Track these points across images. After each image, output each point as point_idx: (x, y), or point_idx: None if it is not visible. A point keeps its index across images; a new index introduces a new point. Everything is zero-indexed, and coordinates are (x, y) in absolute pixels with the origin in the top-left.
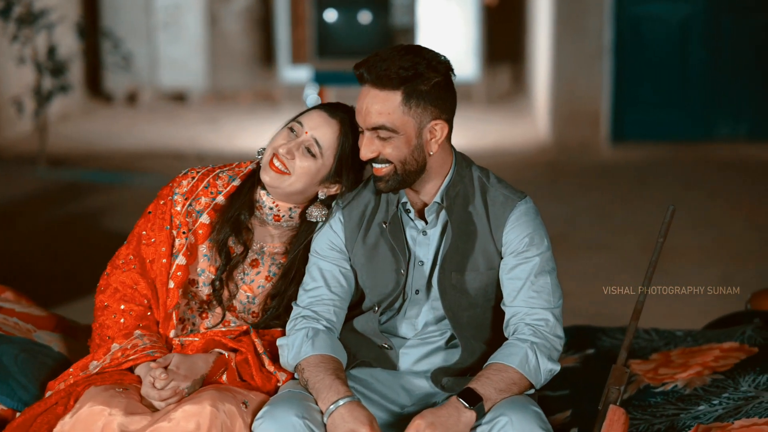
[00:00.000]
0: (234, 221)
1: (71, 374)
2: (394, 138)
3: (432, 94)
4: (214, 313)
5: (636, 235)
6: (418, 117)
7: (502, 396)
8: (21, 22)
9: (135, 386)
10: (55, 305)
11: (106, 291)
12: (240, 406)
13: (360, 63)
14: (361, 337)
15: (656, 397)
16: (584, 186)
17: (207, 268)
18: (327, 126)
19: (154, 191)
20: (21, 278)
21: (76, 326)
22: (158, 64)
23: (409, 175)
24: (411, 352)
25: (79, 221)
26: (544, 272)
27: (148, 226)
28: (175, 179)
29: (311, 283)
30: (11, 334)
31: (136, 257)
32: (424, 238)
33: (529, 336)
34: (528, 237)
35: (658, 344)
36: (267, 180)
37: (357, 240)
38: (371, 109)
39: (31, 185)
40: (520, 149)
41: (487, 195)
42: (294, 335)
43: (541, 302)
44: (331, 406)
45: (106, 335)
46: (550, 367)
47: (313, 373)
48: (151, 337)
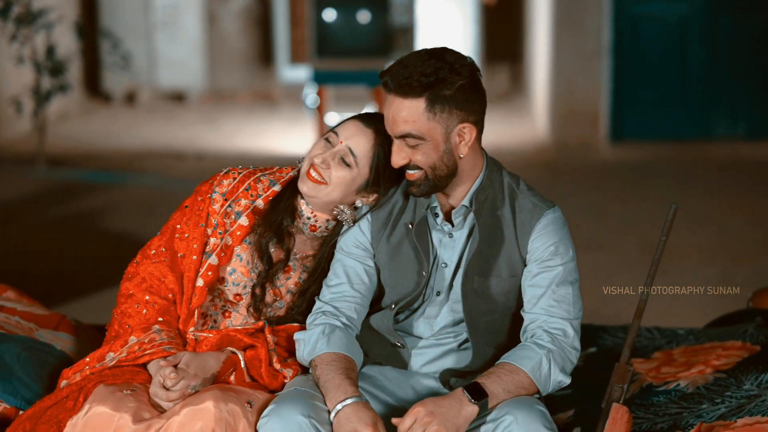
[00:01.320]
0: (277, 227)
1: (87, 364)
2: (422, 145)
3: (457, 97)
4: (237, 312)
5: (635, 235)
6: (444, 122)
7: (507, 396)
8: (20, 22)
9: (144, 386)
10: (55, 305)
11: (133, 279)
12: (244, 406)
13: (384, 71)
14: (375, 334)
15: (659, 396)
16: (583, 185)
17: (238, 268)
18: (362, 135)
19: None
20: (20, 278)
21: (78, 325)
22: (157, 63)
23: (440, 179)
24: (424, 353)
25: (78, 221)
26: (567, 282)
27: (183, 220)
28: (216, 177)
29: (334, 280)
30: (13, 332)
31: (168, 250)
32: (449, 241)
33: (547, 343)
34: (554, 246)
35: (660, 343)
36: (305, 190)
37: (382, 238)
38: (397, 117)
39: (30, 185)
40: (518, 149)
41: (515, 201)
42: (311, 330)
43: (561, 312)
44: (337, 405)
45: (126, 323)
46: (560, 379)
47: (325, 371)
48: (170, 332)
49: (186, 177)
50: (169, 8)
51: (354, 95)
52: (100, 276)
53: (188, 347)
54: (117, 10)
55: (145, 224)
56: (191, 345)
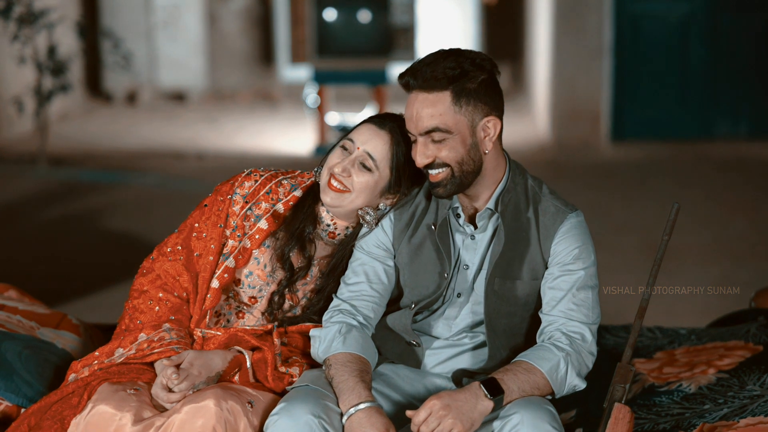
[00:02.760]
0: (299, 235)
1: (96, 358)
2: (449, 139)
3: (480, 91)
4: (251, 314)
5: (636, 234)
6: (470, 115)
7: (522, 395)
8: (21, 22)
9: (149, 385)
10: (55, 304)
11: (148, 275)
12: (245, 406)
13: (404, 72)
14: (389, 333)
15: (661, 396)
16: (584, 185)
17: (255, 271)
18: (378, 138)
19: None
20: (21, 278)
21: (79, 323)
22: (158, 63)
23: (466, 176)
24: (438, 353)
25: (79, 221)
26: (587, 287)
27: (201, 218)
28: (237, 178)
29: (353, 278)
30: (15, 331)
31: (185, 248)
32: (472, 243)
33: (566, 345)
34: (577, 250)
35: (662, 343)
36: (328, 201)
37: (404, 239)
38: (422, 113)
39: (32, 185)
40: (519, 148)
41: (538, 205)
42: (328, 328)
43: (580, 316)
44: (351, 408)
45: (137, 319)
46: (576, 383)
47: (339, 372)
48: (179, 332)
49: (187, 176)
50: (169, 8)
51: (354, 95)
52: (101, 275)
53: (195, 345)
54: (118, 10)
55: (146, 223)
56: (198, 343)
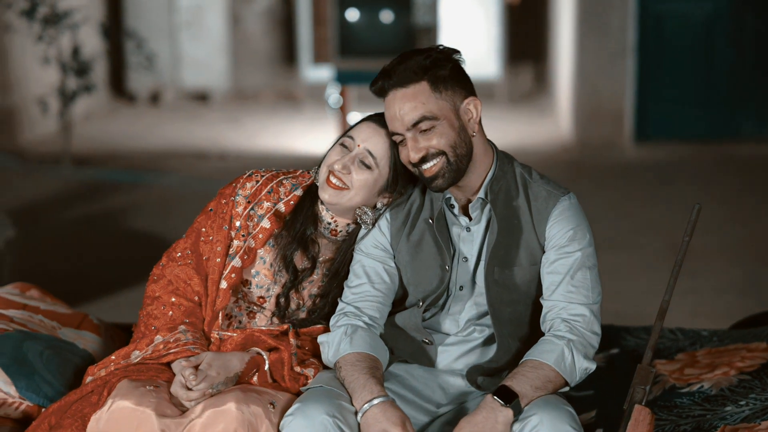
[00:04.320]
0: (301, 236)
1: (112, 361)
2: (437, 125)
3: (454, 76)
4: (262, 314)
5: (659, 235)
6: (451, 99)
7: (538, 393)
8: (46, 23)
9: (168, 384)
10: (79, 304)
11: (159, 281)
12: (267, 407)
13: (375, 79)
14: (400, 332)
15: (682, 397)
16: (607, 185)
17: (262, 270)
18: (377, 136)
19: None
20: (45, 277)
21: (100, 323)
22: (181, 63)
23: (461, 159)
24: (450, 350)
25: (102, 220)
26: (585, 267)
27: (208, 223)
28: (238, 180)
29: (355, 280)
30: (36, 331)
31: (194, 252)
32: (468, 235)
33: (565, 333)
34: (571, 231)
35: (683, 344)
36: (326, 198)
37: (402, 237)
38: (405, 107)
39: (56, 185)
40: (542, 148)
41: (529, 190)
42: (334, 332)
43: (580, 297)
44: (365, 405)
45: (152, 325)
46: (586, 366)
47: (349, 372)
48: (195, 333)
49: (209, 177)
50: (193, 8)
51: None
52: (123, 275)
53: (212, 347)
54: (141, 10)
55: (168, 224)
56: (215, 344)
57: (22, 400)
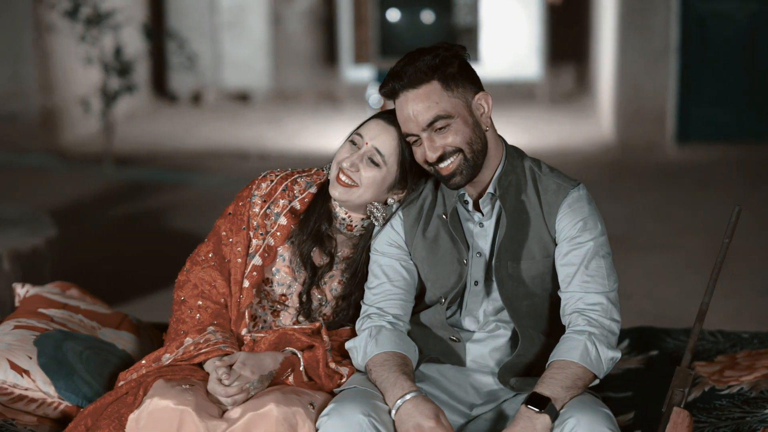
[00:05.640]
0: (315, 233)
1: (143, 365)
2: (452, 123)
3: (462, 73)
4: (286, 312)
5: (701, 236)
6: (463, 96)
7: (570, 393)
8: (88, 23)
9: (203, 383)
10: (120, 303)
11: (185, 287)
12: (307, 407)
13: (384, 81)
14: (428, 331)
15: (721, 399)
16: (648, 186)
17: (282, 268)
18: (386, 134)
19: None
20: (87, 276)
21: (139, 324)
22: (222, 64)
23: (478, 156)
24: (478, 346)
25: (143, 220)
26: (598, 256)
27: (227, 226)
28: (254, 181)
29: (374, 281)
30: (76, 331)
31: (216, 255)
32: (481, 230)
33: (585, 327)
34: (582, 221)
35: (723, 346)
36: (336, 195)
37: (417, 234)
38: (418, 108)
39: (98, 184)
40: (583, 149)
41: (539, 183)
42: (360, 337)
43: (596, 286)
44: (397, 401)
45: (180, 330)
46: (611, 355)
47: (379, 372)
48: (224, 333)
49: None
50: (234, 9)
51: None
52: (163, 275)
53: (245, 348)
54: (183, 11)
55: (209, 223)
56: (248, 345)
57: (61, 400)
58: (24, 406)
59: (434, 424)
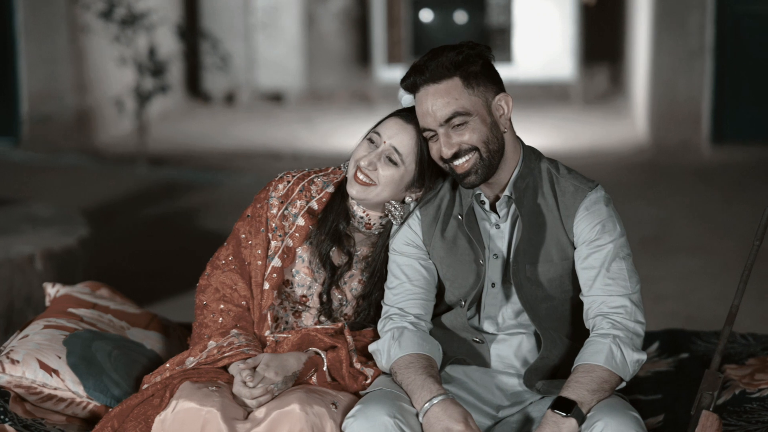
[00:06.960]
0: (333, 233)
1: (167, 369)
2: (470, 121)
3: (485, 72)
4: (308, 312)
5: (735, 238)
6: (483, 95)
7: (596, 397)
8: (122, 24)
9: (228, 385)
10: (151, 302)
11: (206, 291)
12: (330, 407)
13: (406, 75)
14: (451, 333)
15: (752, 402)
16: (683, 187)
17: (302, 269)
18: (404, 132)
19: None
20: (119, 275)
21: (168, 324)
22: (256, 64)
23: (494, 156)
24: (501, 347)
25: (176, 220)
26: (618, 258)
27: (246, 229)
28: (271, 183)
29: (394, 281)
30: (105, 331)
31: (236, 258)
32: (497, 232)
33: (609, 330)
34: (600, 224)
35: (755, 349)
36: (353, 193)
37: (435, 234)
38: (437, 103)
39: (131, 184)
40: (617, 150)
41: (556, 185)
42: (382, 339)
43: (618, 289)
44: (425, 405)
45: (204, 334)
46: (636, 358)
47: (405, 375)
48: (247, 336)
49: None
50: (268, 9)
51: None
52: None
53: (268, 349)
54: (217, 11)
55: None
56: (271, 347)
57: (90, 400)
58: (53, 405)
59: (463, 428)
